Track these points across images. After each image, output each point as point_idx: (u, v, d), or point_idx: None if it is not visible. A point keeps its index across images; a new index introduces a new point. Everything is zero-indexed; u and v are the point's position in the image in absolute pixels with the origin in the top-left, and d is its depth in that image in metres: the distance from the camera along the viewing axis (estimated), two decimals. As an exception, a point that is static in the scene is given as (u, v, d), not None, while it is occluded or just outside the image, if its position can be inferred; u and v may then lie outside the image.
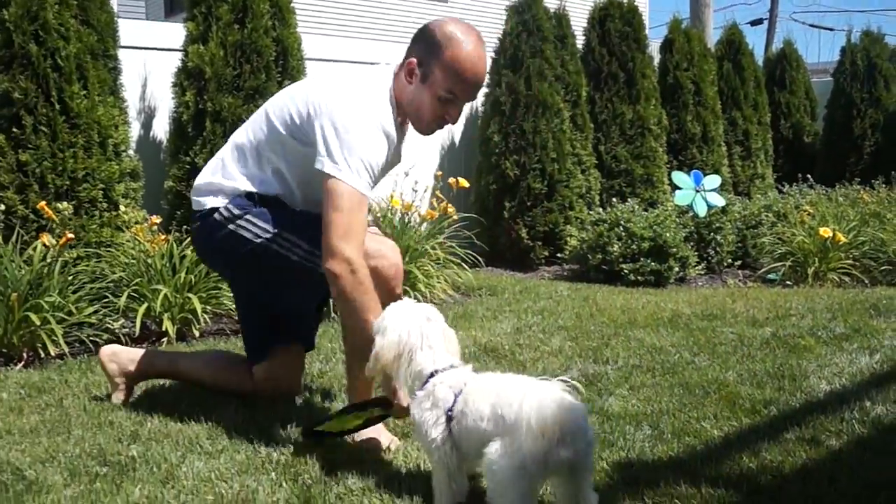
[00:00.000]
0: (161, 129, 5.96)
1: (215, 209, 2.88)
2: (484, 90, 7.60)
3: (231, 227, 2.84)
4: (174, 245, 4.57)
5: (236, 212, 2.83)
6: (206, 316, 4.48)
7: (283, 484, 2.44)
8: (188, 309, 4.40)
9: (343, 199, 2.54)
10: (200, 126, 5.28)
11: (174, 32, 5.77)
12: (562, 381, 2.05)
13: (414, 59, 2.70)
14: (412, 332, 2.30)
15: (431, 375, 2.27)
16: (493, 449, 2.03)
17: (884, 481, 2.49)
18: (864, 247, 6.62)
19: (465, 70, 2.67)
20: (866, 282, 6.29)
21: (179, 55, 5.52)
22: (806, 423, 3.03)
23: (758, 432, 2.94)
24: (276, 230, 2.79)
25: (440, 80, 2.67)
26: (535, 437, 1.96)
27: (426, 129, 2.81)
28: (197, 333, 4.47)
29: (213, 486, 2.42)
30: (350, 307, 2.57)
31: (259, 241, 2.81)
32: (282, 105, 2.80)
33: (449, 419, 2.21)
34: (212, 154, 5.14)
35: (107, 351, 3.29)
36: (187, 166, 5.26)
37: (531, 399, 1.99)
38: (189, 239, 4.65)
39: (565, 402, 1.99)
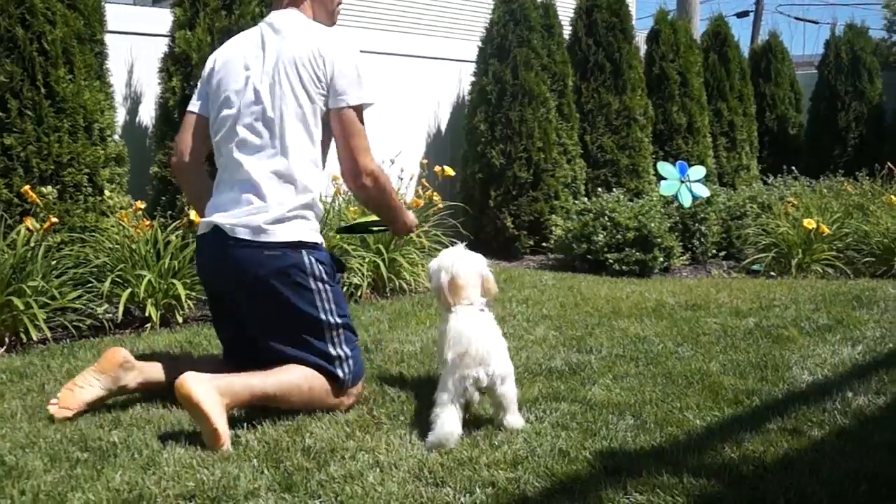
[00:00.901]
0: (147, 114, 5.93)
1: (300, 245, 2.92)
2: (471, 79, 7.60)
3: (309, 282, 2.92)
4: (158, 231, 4.55)
5: (324, 276, 2.96)
6: (189, 302, 4.46)
7: (265, 471, 2.44)
8: (172, 295, 4.38)
9: (358, 122, 2.96)
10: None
11: (161, 18, 5.73)
12: None
13: None
14: (453, 272, 2.99)
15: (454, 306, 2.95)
16: None
17: (865, 472, 2.51)
18: (848, 238, 6.65)
19: None
20: (850, 273, 6.32)
21: (166, 41, 5.48)
22: (788, 414, 3.05)
23: (740, 422, 2.96)
24: (337, 308, 2.99)
25: None
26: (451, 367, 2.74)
27: (336, 18, 3.23)
28: (180, 319, 4.45)
29: (195, 472, 2.42)
30: (381, 206, 3.14)
31: (318, 313, 2.94)
32: (301, 90, 2.93)
33: None
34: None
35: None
36: (173, 152, 5.23)
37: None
38: (173, 225, 4.65)
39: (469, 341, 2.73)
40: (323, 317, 2.95)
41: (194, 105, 3.15)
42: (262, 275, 2.87)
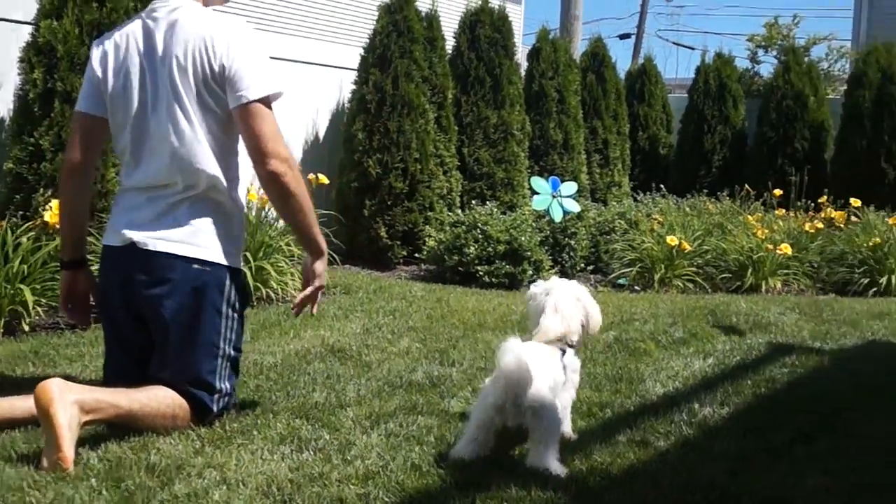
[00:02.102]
0: (4, 106, 5.65)
1: (227, 267, 2.89)
2: (351, 87, 7.57)
3: (223, 307, 2.89)
4: (9, 231, 4.32)
5: (236, 304, 2.93)
6: (39, 309, 4.24)
7: (104, 491, 2.33)
8: (19, 301, 4.15)
9: (268, 112, 2.82)
10: (48, 106, 5.02)
11: (25, 4, 5.47)
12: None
13: None
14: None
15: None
16: None
17: (703, 481, 2.61)
18: (708, 255, 6.95)
19: None
20: (708, 289, 6.60)
21: (30, 29, 5.23)
22: (637, 425, 3.14)
23: (591, 434, 3.03)
24: (236, 340, 2.96)
25: None
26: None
27: None
28: (27, 328, 4.19)
29: (24, 495, 2.28)
30: (295, 200, 2.84)
31: (219, 341, 2.89)
32: (192, 86, 2.80)
33: None
34: (59, 136, 4.92)
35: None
36: (31, 148, 4.99)
37: None
38: (26, 226, 4.43)
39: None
40: (222, 345, 2.90)
41: (82, 104, 2.94)
42: (185, 288, 2.81)
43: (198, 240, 2.84)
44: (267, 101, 2.82)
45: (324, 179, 6.29)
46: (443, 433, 2.93)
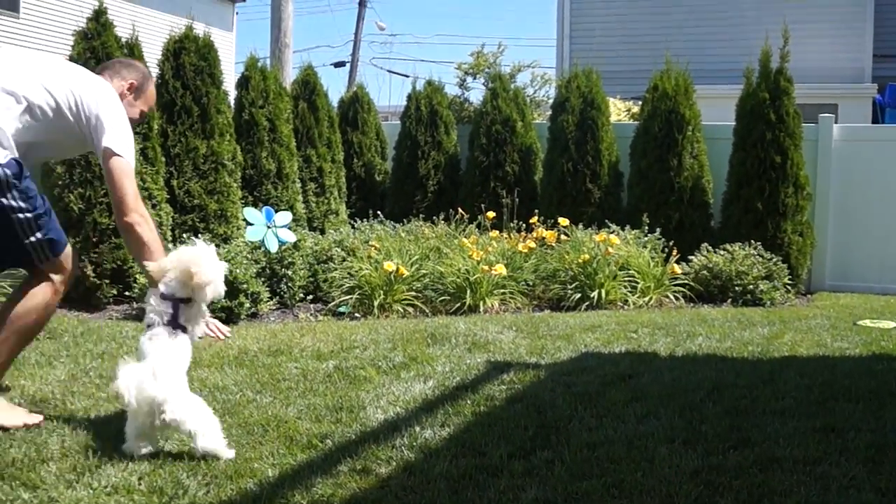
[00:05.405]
0: None
1: None
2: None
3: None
4: None
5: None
6: None
7: None
8: None
9: (127, 170, 3.48)
10: None
11: None
12: None
13: (133, 82, 3.76)
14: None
15: None
16: None
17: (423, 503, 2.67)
18: (425, 279, 7.14)
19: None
20: (428, 312, 6.78)
21: None
22: (359, 454, 3.16)
23: (312, 467, 3.01)
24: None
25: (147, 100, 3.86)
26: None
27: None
28: None
29: None
30: (145, 249, 3.47)
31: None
32: (66, 93, 3.44)
33: None
34: None
35: None
36: None
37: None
38: None
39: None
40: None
41: None
42: None
43: None
44: None
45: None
46: (153, 480, 2.79)
